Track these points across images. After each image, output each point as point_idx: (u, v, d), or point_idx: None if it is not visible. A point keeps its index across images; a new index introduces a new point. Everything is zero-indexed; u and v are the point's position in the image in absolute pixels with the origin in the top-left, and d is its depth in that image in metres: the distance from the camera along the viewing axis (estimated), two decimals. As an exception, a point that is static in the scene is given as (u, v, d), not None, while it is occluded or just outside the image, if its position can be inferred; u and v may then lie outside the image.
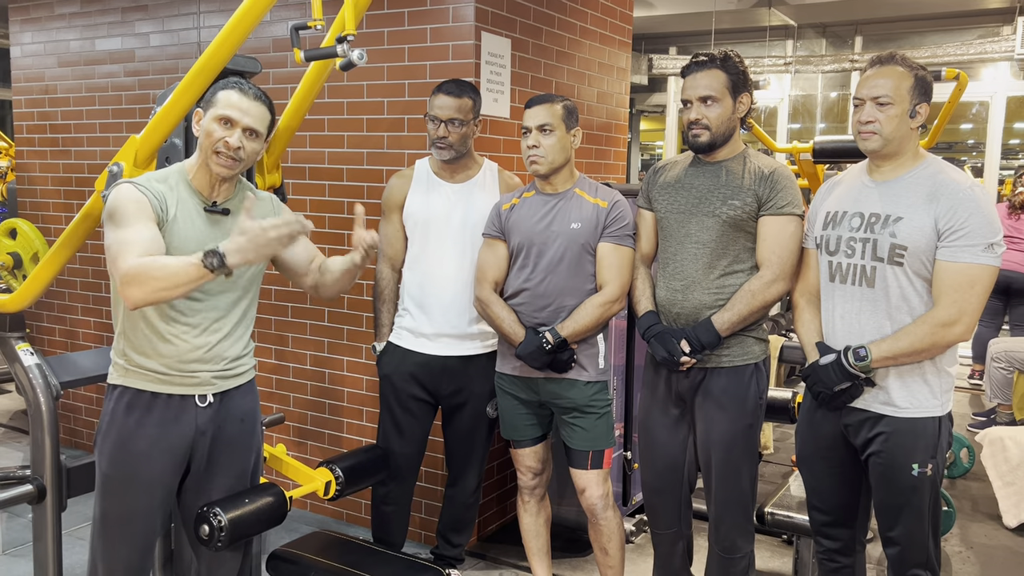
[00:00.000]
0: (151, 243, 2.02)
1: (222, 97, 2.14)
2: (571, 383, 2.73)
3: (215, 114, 2.12)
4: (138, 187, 2.09)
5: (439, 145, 2.88)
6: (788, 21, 10.20)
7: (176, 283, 1.95)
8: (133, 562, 2.24)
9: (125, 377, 2.20)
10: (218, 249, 1.92)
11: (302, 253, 2.37)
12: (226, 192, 2.23)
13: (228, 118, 2.11)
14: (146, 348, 2.17)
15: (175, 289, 1.97)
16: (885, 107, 2.24)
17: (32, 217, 4.74)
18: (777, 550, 3.65)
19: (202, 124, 2.15)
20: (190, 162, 2.23)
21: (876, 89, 2.25)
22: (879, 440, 2.30)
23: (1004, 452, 4.04)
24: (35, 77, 4.69)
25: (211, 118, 2.12)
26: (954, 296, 2.18)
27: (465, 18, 3.35)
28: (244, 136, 2.13)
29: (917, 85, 2.25)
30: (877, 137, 2.25)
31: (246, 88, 2.16)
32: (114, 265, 2.00)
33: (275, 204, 2.38)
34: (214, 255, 1.92)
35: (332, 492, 2.82)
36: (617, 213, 2.70)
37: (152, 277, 1.94)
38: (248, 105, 2.13)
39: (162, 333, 2.17)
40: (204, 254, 1.93)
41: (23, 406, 5.34)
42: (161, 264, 1.96)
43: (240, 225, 1.96)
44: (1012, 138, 10.62)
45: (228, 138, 2.10)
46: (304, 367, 3.90)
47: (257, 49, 3.81)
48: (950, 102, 4.84)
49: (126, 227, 2.03)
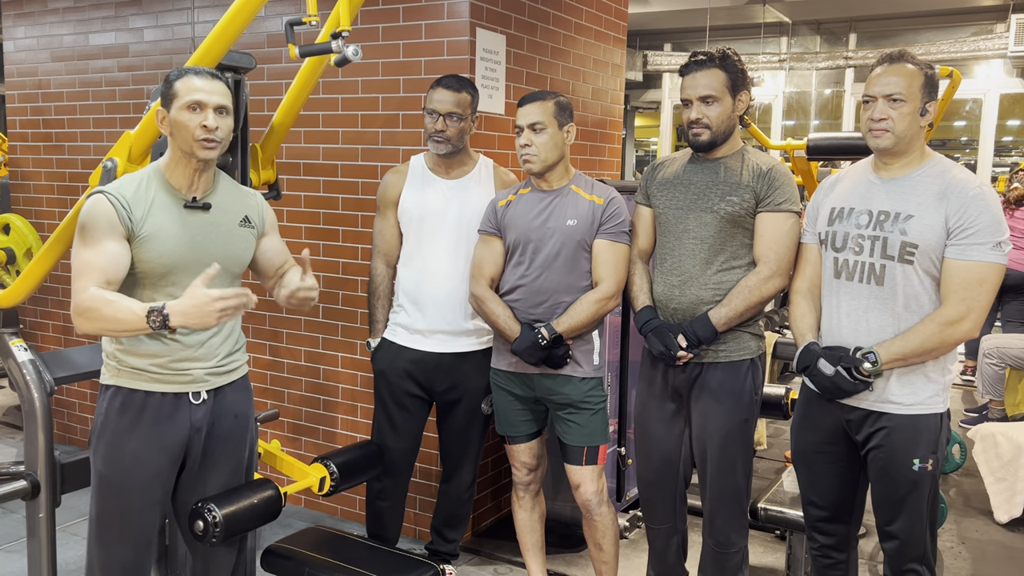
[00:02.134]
0: (112, 264, 2.09)
1: (181, 86, 2.13)
2: (566, 379, 2.74)
3: (182, 103, 2.12)
4: (108, 197, 2.11)
5: (436, 139, 2.88)
6: (783, 18, 10.22)
7: (119, 328, 2.03)
8: (130, 561, 2.24)
9: (118, 377, 2.20)
10: (163, 309, 1.96)
11: (273, 258, 2.39)
12: (204, 186, 2.23)
13: (197, 102, 2.11)
14: (137, 348, 2.17)
15: (120, 332, 2.06)
16: (898, 104, 2.23)
17: (25, 213, 4.73)
18: (770, 545, 3.66)
19: (170, 119, 2.14)
20: (164, 160, 2.21)
21: (889, 87, 2.24)
22: (881, 435, 2.30)
23: (996, 448, 4.06)
24: (28, 72, 4.67)
25: (179, 108, 2.12)
26: (963, 294, 2.19)
27: (460, 14, 3.35)
28: (216, 115, 2.13)
29: (927, 83, 2.25)
30: (890, 135, 2.24)
31: (200, 71, 2.17)
32: (73, 285, 2.08)
33: (261, 205, 2.37)
34: (159, 315, 1.96)
35: (327, 488, 2.82)
36: (613, 210, 2.71)
37: (100, 316, 2.02)
38: (210, 85, 2.14)
39: (156, 335, 2.16)
40: (148, 311, 1.97)
41: (16, 402, 5.33)
42: (110, 307, 2.01)
43: (190, 290, 1.98)
44: (1005, 135, 10.66)
45: (204, 121, 2.11)
46: (299, 363, 3.90)
47: (252, 44, 3.80)
48: (943, 99, 4.85)
49: (91, 246, 2.09)
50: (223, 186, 2.29)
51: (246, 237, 2.30)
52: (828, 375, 2.31)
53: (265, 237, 2.37)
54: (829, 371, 2.30)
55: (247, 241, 2.31)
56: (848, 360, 2.28)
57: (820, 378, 2.33)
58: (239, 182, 2.53)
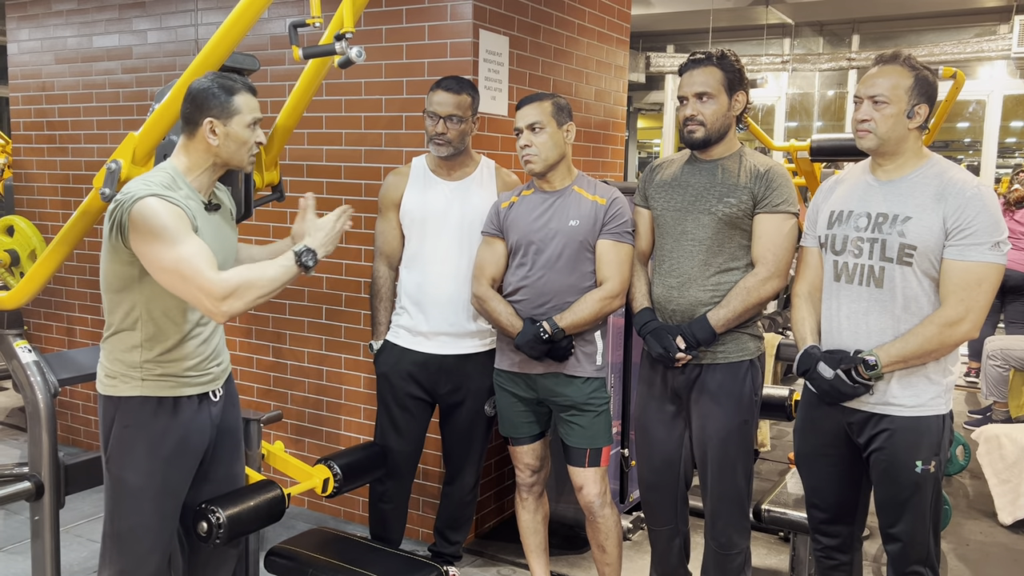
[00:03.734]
0: (209, 254, 2.07)
1: (243, 103, 2.16)
2: (568, 380, 2.74)
3: (245, 120, 2.16)
4: (166, 199, 2.04)
5: (437, 141, 2.88)
6: (786, 19, 10.22)
7: (275, 288, 2.10)
8: (161, 567, 2.24)
9: (143, 388, 2.17)
10: (308, 248, 2.09)
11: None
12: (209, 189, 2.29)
13: (257, 120, 2.20)
14: (174, 353, 2.18)
15: (271, 295, 2.11)
16: (881, 106, 2.24)
17: (29, 214, 4.74)
18: (774, 547, 3.66)
19: (231, 133, 2.15)
20: (184, 165, 2.19)
21: (873, 88, 2.26)
22: (883, 437, 2.30)
23: (1000, 450, 4.05)
24: (32, 74, 4.68)
25: (241, 125, 2.15)
26: (962, 294, 2.19)
27: (463, 16, 3.35)
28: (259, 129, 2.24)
29: (917, 85, 2.25)
30: (872, 136, 2.26)
31: (251, 85, 2.23)
32: (191, 284, 2.01)
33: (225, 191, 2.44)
34: (308, 254, 2.09)
35: (330, 489, 2.82)
36: (616, 210, 2.71)
37: (255, 285, 2.05)
38: (257, 101, 2.23)
39: (197, 335, 2.21)
40: (298, 255, 2.09)
41: (21, 403, 5.34)
42: (259, 273, 2.08)
43: (315, 223, 2.19)
44: (1008, 136, 10.64)
45: (260, 139, 2.21)
46: (302, 365, 3.90)
47: (255, 46, 3.80)
48: (947, 100, 4.85)
49: (180, 243, 2.02)
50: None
51: (235, 229, 2.41)
52: (827, 379, 2.31)
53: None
54: (828, 375, 2.30)
55: (236, 232, 2.42)
56: (848, 363, 2.28)
57: (819, 382, 2.33)
58: (243, 184, 2.54)
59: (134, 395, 2.17)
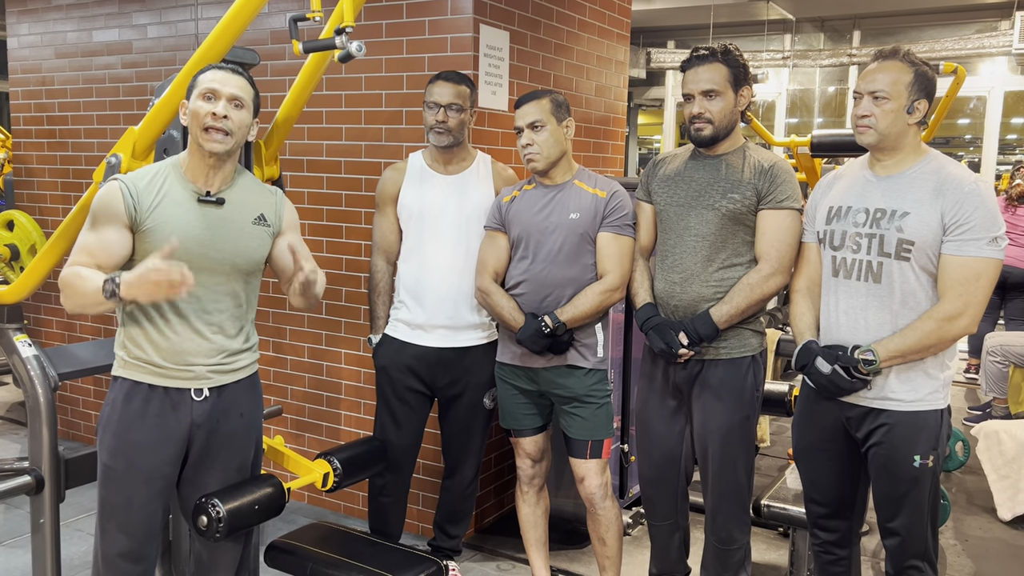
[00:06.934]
0: (103, 250, 2.12)
1: (201, 78, 2.17)
2: (569, 372, 2.74)
3: (198, 92, 2.15)
4: (121, 184, 2.15)
5: (438, 130, 2.88)
6: (786, 15, 10.20)
7: (88, 301, 2.06)
8: (129, 552, 2.24)
9: (125, 369, 2.22)
10: (116, 279, 1.98)
11: (289, 258, 2.27)
12: (221, 181, 2.22)
13: (211, 90, 2.13)
14: (142, 341, 2.18)
15: (89, 306, 2.07)
16: (881, 102, 2.24)
17: (29, 209, 4.74)
18: (773, 542, 3.66)
19: (188, 110, 2.16)
20: (183, 156, 2.23)
21: (873, 84, 2.26)
22: (881, 431, 2.30)
23: (999, 446, 4.06)
24: (32, 68, 4.67)
25: (195, 98, 2.15)
26: (960, 289, 2.19)
27: (463, 10, 3.35)
28: (229, 105, 2.13)
29: (916, 81, 2.25)
30: (872, 132, 2.27)
31: (223, 65, 2.20)
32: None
33: (279, 204, 2.34)
34: (111, 283, 1.99)
35: (330, 484, 2.82)
36: (616, 203, 2.71)
37: (73, 292, 2.08)
38: (226, 76, 2.16)
39: (159, 326, 2.17)
40: (104, 280, 2.00)
41: (21, 398, 5.34)
42: (80, 281, 2.06)
43: (144, 261, 1.97)
44: (1009, 133, 10.64)
45: (214, 109, 2.11)
46: (302, 359, 3.91)
47: (255, 41, 3.80)
48: (947, 96, 4.85)
49: (91, 230, 2.15)
50: (242, 183, 2.28)
51: (259, 235, 2.27)
52: (825, 373, 2.31)
53: (281, 236, 2.33)
54: (826, 369, 2.31)
55: (260, 239, 2.27)
56: (846, 358, 2.28)
57: (818, 376, 2.33)
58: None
59: (119, 375, 2.23)
